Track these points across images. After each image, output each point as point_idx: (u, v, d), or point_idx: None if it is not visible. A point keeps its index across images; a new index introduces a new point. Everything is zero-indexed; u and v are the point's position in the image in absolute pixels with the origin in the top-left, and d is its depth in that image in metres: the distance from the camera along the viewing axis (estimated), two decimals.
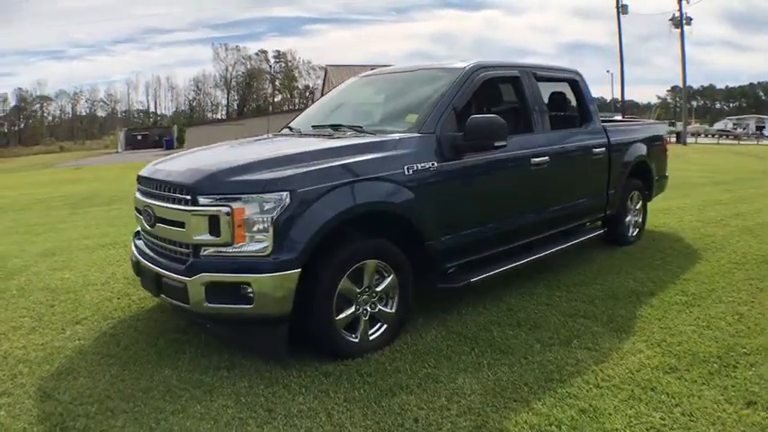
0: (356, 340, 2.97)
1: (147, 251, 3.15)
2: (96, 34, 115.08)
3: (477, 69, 3.73)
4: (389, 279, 3.06)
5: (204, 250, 2.74)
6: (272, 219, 2.64)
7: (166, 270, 2.87)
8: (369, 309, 3.02)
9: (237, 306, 2.68)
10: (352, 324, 2.97)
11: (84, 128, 79.07)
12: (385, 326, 3.09)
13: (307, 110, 4.68)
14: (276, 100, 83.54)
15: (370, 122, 3.76)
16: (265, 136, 4.29)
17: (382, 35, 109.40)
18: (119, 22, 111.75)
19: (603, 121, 5.04)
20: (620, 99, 36.36)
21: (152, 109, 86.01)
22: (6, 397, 2.65)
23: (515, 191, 3.83)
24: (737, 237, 5.52)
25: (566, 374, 2.70)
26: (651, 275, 4.28)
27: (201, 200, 2.72)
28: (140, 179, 3.29)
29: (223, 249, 2.70)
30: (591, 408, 2.38)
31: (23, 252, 5.62)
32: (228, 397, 2.60)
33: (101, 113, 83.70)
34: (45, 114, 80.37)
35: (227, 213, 2.65)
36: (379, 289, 3.04)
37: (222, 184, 2.73)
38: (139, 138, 49.00)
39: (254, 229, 2.65)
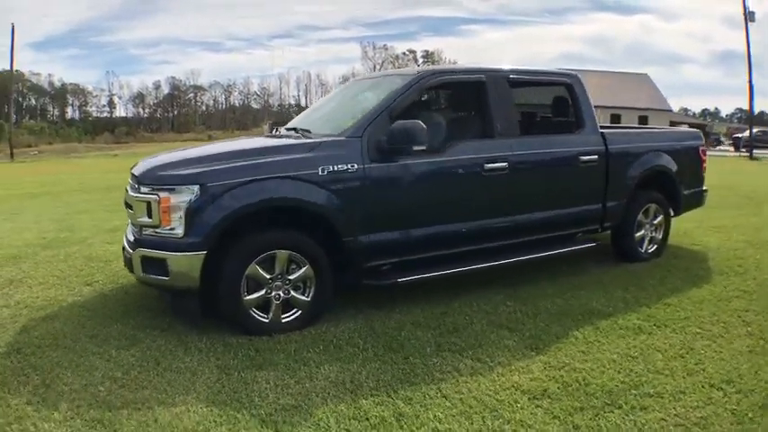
0: (267, 320, 3.29)
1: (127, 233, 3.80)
2: (254, 29, 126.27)
3: (426, 76, 3.80)
4: (304, 269, 3.33)
5: (145, 230, 3.28)
6: (186, 207, 3.09)
7: (126, 246, 3.49)
8: (282, 294, 3.32)
9: (159, 277, 3.19)
10: (264, 306, 3.30)
11: (236, 118, 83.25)
12: (299, 312, 3.37)
13: (304, 111, 5.08)
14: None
15: (323, 126, 4.00)
16: (244, 137, 4.79)
17: (537, 37, 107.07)
18: (277, 18, 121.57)
19: (607, 128, 4.71)
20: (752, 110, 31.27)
21: (302, 103, 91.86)
22: (3, 332, 3.43)
23: (459, 196, 3.81)
24: None
25: (424, 379, 2.72)
26: (630, 296, 3.97)
27: (142, 188, 3.26)
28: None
29: (154, 230, 3.21)
30: (410, 414, 2.40)
31: (95, 227, 6.76)
32: (142, 349, 3.10)
33: (255, 106, 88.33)
34: (198, 103, 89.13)
35: (156, 201, 3.15)
36: (292, 277, 3.32)
37: (156, 177, 3.25)
38: None
39: (174, 215, 3.11)
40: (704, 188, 5.35)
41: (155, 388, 2.68)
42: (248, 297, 3.25)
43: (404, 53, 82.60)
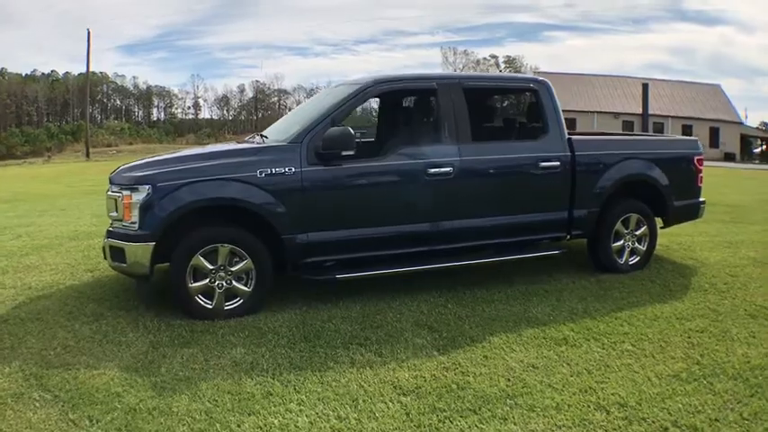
0: (210, 306, 3.75)
1: None
2: (341, 33, 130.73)
3: (372, 85, 4.12)
4: (245, 262, 3.76)
5: (114, 224, 3.87)
6: (140, 204, 3.63)
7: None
8: (224, 284, 3.77)
9: (121, 264, 3.76)
10: (209, 293, 3.77)
11: None
12: (241, 300, 3.80)
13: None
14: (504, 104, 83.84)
15: (280, 132, 4.38)
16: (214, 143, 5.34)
17: (618, 45, 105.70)
18: (363, 23, 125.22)
19: (579, 134, 4.76)
20: None
21: None
22: (1, 306, 4.16)
23: (400, 199, 4.07)
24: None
25: (315, 367, 3.02)
26: (582, 306, 4.01)
27: (113, 188, 3.85)
28: None
29: (121, 223, 3.78)
30: (279, 393, 2.71)
31: None
32: (101, 324, 3.67)
33: None
34: (282, 107, 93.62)
35: (120, 198, 3.73)
36: (233, 269, 3.76)
37: (121, 178, 3.82)
38: None
39: (133, 210, 3.66)
40: (701, 200, 5.18)
41: (92, 355, 3.21)
42: (193, 285, 3.72)
43: (485, 58, 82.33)
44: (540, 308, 3.99)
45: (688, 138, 5.66)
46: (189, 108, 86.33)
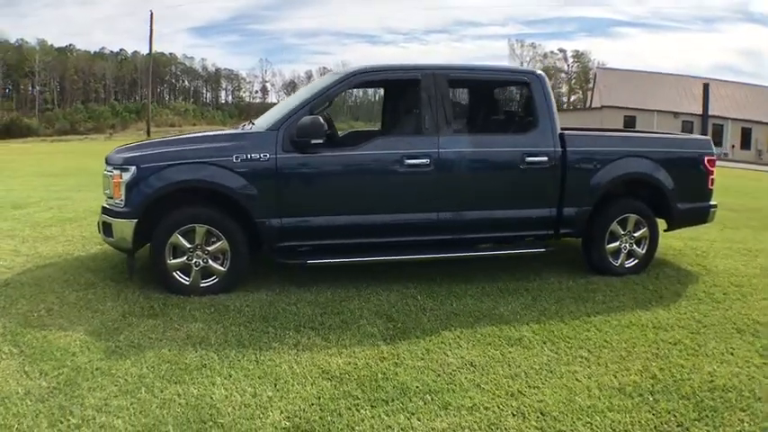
0: (187, 283, 4.06)
1: None
2: (412, 22, 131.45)
3: (355, 74, 4.27)
4: (221, 243, 4.04)
5: (108, 201, 4.26)
6: (126, 184, 3.98)
7: None
8: (201, 262, 4.07)
9: (109, 238, 4.15)
10: (186, 270, 4.08)
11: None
12: (216, 279, 4.09)
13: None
14: (571, 99, 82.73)
15: (265, 119, 4.57)
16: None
17: (687, 43, 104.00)
18: (436, 12, 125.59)
19: (576, 130, 4.70)
20: None
21: None
22: (9, 272, 4.66)
23: (375, 189, 4.21)
24: None
25: (257, 346, 3.23)
26: (555, 308, 3.99)
27: (107, 167, 4.22)
28: None
29: (112, 201, 4.16)
30: (213, 366, 2.96)
31: None
32: (88, 293, 4.06)
33: None
34: (348, 94, 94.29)
35: (111, 177, 4.10)
36: (210, 249, 4.05)
37: (114, 159, 4.17)
38: None
39: (120, 189, 4.02)
40: (711, 203, 4.98)
41: (67, 319, 3.60)
42: (172, 261, 4.04)
43: (552, 51, 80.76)
44: (511, 306, 4.03)
45: (700, 137, 5.41)
46: (256, 92, 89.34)
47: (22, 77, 58.27)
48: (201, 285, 4.08)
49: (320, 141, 3.99)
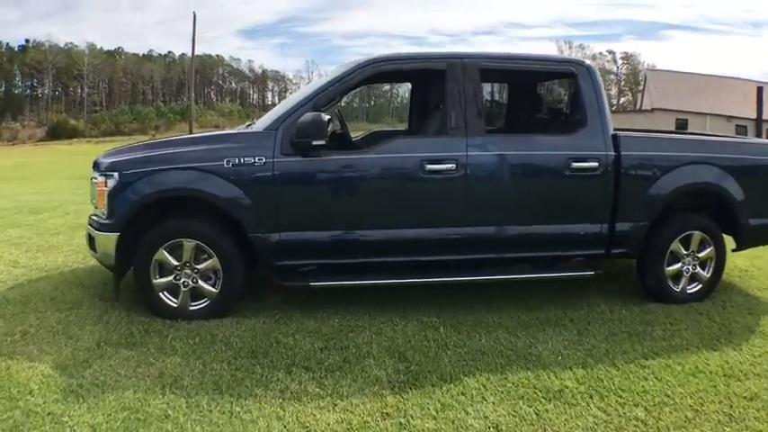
0: (175, 305, 3.62)
1: None
2: (460, 24, 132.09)
3: (368, 64, 3.70)
4: (211, 261, 3.58)
5: (95, 211, 3.84)
6: (108, 192, 3.57)
7: None
8: (190, 282, 3.61)
9: (93, 252, 3.77)
10: (174, 291, 3.63)
11: None
12: (207, 301, 3.64)
13: None
14: (621, 101, 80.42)
15: (267, 117, 4.08)
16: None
17: (737, 47, 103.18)
18: (483, 13, 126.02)
19: (631, 131, 3.99)
20: None
21: None
22: (1, 286, 4.34)
23: (390, 199, 3.65)
24: None
25: (222, 388, 2.79)
26: (606, 347, 3.33)
27: (94, 173, 3.83)
28: None
29: (97, 211, 3.74)
30: (133, 410, 2.54)
31: None
32: (70, 314, 3.71)
33: None
34: (394, 95, 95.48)
35: (95, 184, 3.70)
36: (199, 267, 3.59)
37: (98, 164, 3.79)
38: None
39: (104, 199, 3.62)
40: None
41: (39, 346, 3.24)
42: (158, 280, 3.61)
43: (601, 53, 79.26)
44: (552, 343, 3.39)
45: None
46: None
47: (71, 80, 60.59)
48: (190, 308, 3.64)
49: (322, 143, 3.44)
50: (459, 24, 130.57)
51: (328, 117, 3.56)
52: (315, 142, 3.42)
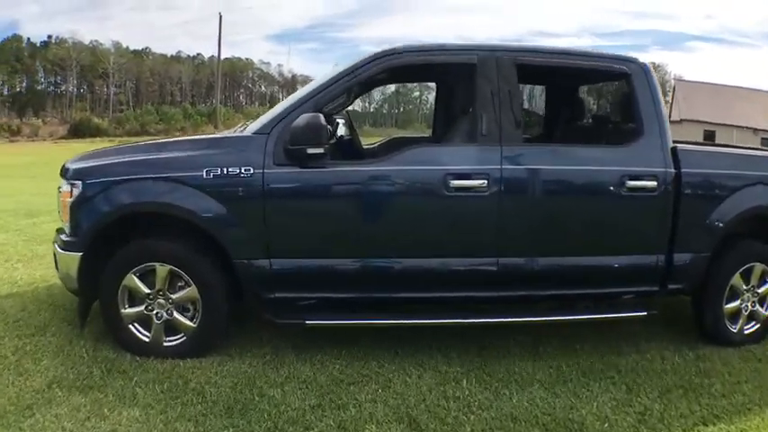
0: (147, 340, 3.08)
1: None
2: (486, 32, 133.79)
3: (382, 57, 3.08)
4: (188, 290, 3.02)
5: (62, 224, 3.31)
6: (71, 204, 3.03)
7: None
8: (164, 314, 3.06)
9: (58, 272, 3.23)
10: (146, 323, 3.08)
11: None
12: (184, 337, 3.08)
13: None
14: None
15: (262, 118, 3.53)
16: None
17: (758, 59, 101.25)
18: (510, 21, 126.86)
19: (688, 143, 3.34)
20: None
21: None
22: None
23: (405, 221, 3.03)
24: None
25: None
26: (657, 407, 2.70)
27: (61, 180, 3.27)
28: None
29: (63, 225, 3.21)
30: None
31: None
32: (36, 339, 3.28)
33: None
34: (424, 102, 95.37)
35: (61, 194, 3.17)
36: (174, 297, 3.04)
37: (64, 170, 3.23)
38: None
39: (66, 210, 3.09)
40: None
41: None
42: (127, 310, 3.07)
43: None
44: (597, 404, 2.74)
45: None
46: None
47: (96, 78, 61.12)
48: (165, 345, 3.09)
49: (320, 151, 2.83)
50: (487, 32, 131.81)
51: (340, 120, 2.97)
52: (311, 150, 2.81)
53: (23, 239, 5.78)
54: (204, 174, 2.90)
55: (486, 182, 2.96)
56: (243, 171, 2.90)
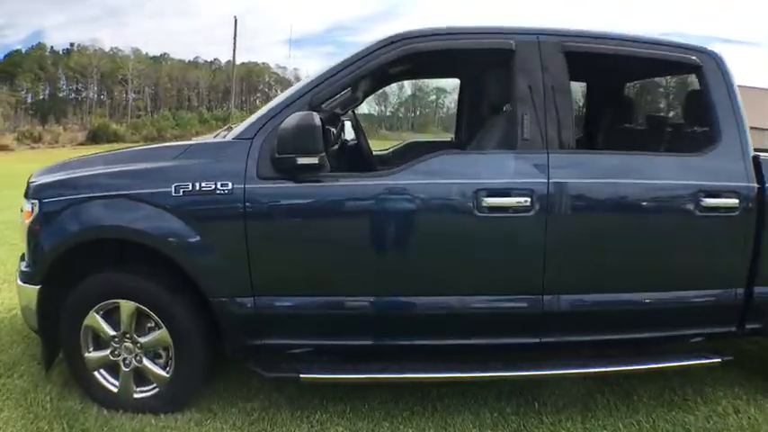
0: (115, 390, 2.58)
1: None
2: None
3: (395, 41, 2.48)
4: (159, 333, 2.51)
5: None
6: (28, 227, 2.57)
7: None
8: (133, 360, 2.55)
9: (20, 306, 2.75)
10: (113, 369, 2.59)
11: None
12: (157, 389, 2.57)
13: None
14: None
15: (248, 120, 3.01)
16: None
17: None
18: (526, 20, 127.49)
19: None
20: None
21: None
22: None
23: (425, 250, 2.43)
24: None
25: None
26: None
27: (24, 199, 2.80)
28: None
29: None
30: None
31: None
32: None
33: None
34: (440, 105, 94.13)
35: (22, 215, 2.69)
36: (143, 341, 2.53)
37: (27, 186, 2.74)
38: None
39: (24, 234, 2.62)
40: None
41: None
42: (91, 354, 2.58)
43: None
44: None
45: None
46: None
47: (115, 84, 61.54)
48: (135, 396, 2.58)
49: (314, 161, 2.26)
50: None
51: (346, 121, 2.41)
52: (302, 160, 2.25)
53: (16, 256, 5.33)
54: (173, 190, 2.36)
55: (529, 199, 2.37)
56: (219, 186, 2.34)
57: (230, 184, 2.35)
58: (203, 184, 2.35)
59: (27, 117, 51.44)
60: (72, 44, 66.27)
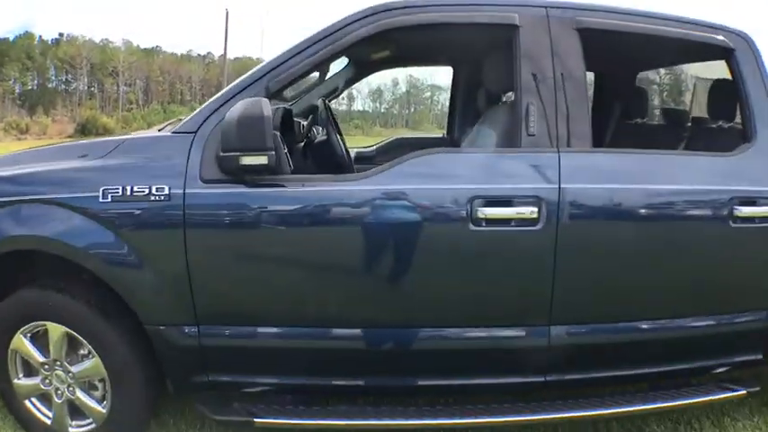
0: (48, 422, 2.27)
1: None
2: None
3: (373, 14, 2.07)
4: (92, 361, 2.19)
5: None
6: None
7: None
8: (66, 391, 2.24)
9: None
10: (47, 398, 2.28)
11: None
12: (93, 425, 2.25)
13: None
14: None
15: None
16: None
17: None
18: None
19: None
20: None
21: None
22: None
23: (406, 271, 2.07)
24: None
25: None
26: None
27: None
28: None
29: None
30: None
31: None
32: None
33: None
34: (435, 103, 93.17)
35: None
36: (75, 370, 2.21)
37: None
38: None
39: None
40: None
41: None
42: (21, 381, 2.28)
43: None
44: None
45: None
46: (343, 99, 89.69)
47: (105, 76, 60.53)
48: (71, 431, 2.27)
49: (263, 161, 1.86)
50: None
51: (321, 113, 2.02)
52: (247, 160, 1.87)
53: None
54: (101, 195, 1.99)
55: (535, 209, 2.00)
56: (154, 191, 1.98)
57: (167, 188, 1.98)
58: (135, 189, 1.98)
59: (15, 107, 50.62)
60: (61, 34, 65.25)
